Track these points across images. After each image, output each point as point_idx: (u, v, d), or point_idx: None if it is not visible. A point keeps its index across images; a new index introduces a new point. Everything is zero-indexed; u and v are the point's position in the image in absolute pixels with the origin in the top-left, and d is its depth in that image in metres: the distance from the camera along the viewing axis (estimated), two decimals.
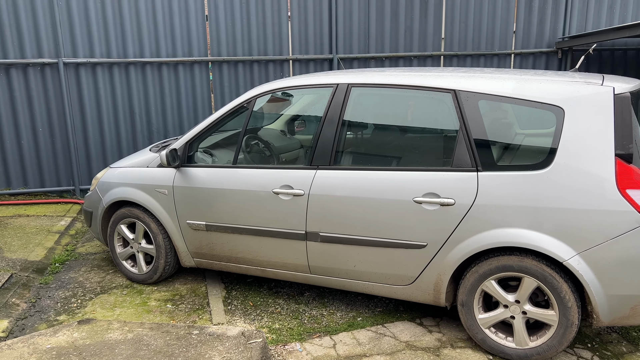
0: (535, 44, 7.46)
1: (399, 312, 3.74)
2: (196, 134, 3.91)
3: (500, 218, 2.97)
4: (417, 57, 7.26)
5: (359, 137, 3.66)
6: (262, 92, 3.79)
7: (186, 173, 3.90)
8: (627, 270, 2.77)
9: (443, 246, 3.14)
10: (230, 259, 3.91)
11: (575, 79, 3.04)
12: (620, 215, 2.74)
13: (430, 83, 3.27)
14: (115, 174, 4.31)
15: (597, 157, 2.81)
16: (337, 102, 3.50)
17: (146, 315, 3.76)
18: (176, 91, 6.87)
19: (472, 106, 3.11)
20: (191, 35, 6.75)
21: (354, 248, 3.40)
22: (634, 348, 3.26)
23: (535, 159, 2.95)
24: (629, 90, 2.92)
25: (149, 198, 4.06)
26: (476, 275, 3.09)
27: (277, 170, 3.62)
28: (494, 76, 3.21)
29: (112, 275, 4.51)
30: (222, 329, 3.22)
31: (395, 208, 3.23)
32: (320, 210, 3.44)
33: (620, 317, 2.89)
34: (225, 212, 3.76)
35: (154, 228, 4.10)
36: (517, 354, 3.08)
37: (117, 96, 6.72)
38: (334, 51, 7.03)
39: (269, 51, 6.96)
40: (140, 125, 6.87)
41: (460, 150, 3.11)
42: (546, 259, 2.93)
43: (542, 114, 2.99)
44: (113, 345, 3.02)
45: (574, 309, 2.90)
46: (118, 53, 6.62)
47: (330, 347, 3.29)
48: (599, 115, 2.83)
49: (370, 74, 3.56)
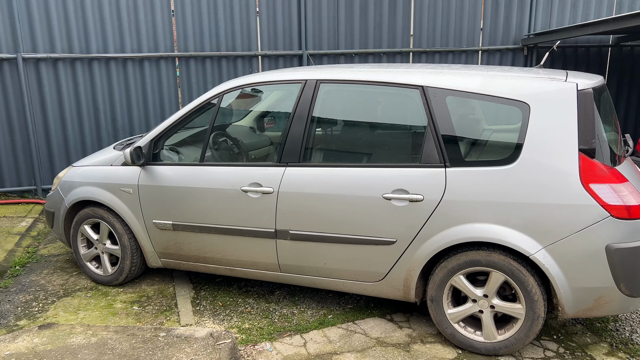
0: (501, 41, 7.56)
1: (369, 309, 3.74)
2: (162, 131, 3.81)
3: (468, 213, 2.99)
4: (387, 54, 7.28)
5: (328, 133, 3.63)
6: (229, 88, 3.72)
7: (152, 171, 3.80)
8: (590, 263, 2.83)
9: (412, 242, 3.14)
10: (198, 259, 3.83)
11: (540, 75, 3.08)
12: (584, 209, 2.79)
13: (398, 79, 3.27)
14: (78, 173, 4.18)
15: (562, 152, 2.85)
16: (305, 99, 3.46)
17: (111, 318, 3.65)
18: (142, 87, 6.70)
19: (439, 102, 3.12)
20: (157, 30, 6.59)
21: (324, 245, 3.38)
22: (598, 339, 3.33)
23: (502, 155, 2.98)
24: (592, 86, 2.97)
25: (113, 197, 3.94)
26: (445, 271, 3.11)
27: (246, 168, 3.56)
28: (461, 72, 3.23)
29: (76, 278, 4.37)
30: (189, 331, 3.15)
31: (364, 205, 3.21)
32: (290, 208, 3.40)
33: (584, 309, 2.95)
34: (192, 211, 3.68)
35: (118, 228, 3.98)
36: (486, 347, 3.11)
37: (80, 92, 6.52)
38: (304, 47, 6.98)
39: (238, 47, 6.86)
40: (105, 122, 6.68)
41: (428, 146, 3.11)
42: (513, 254, 2.97)
43: (509, 109, 3.02)
44: (75, 350, 2.92)
45: (540, 302, 2.95)
46: (80, 48, 6.41)
47: (301, 345, 3.26)
48: (563, 111, 2.88)
49: (339, 70, 3.53)
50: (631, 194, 2.81)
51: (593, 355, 3.14)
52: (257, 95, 4.58)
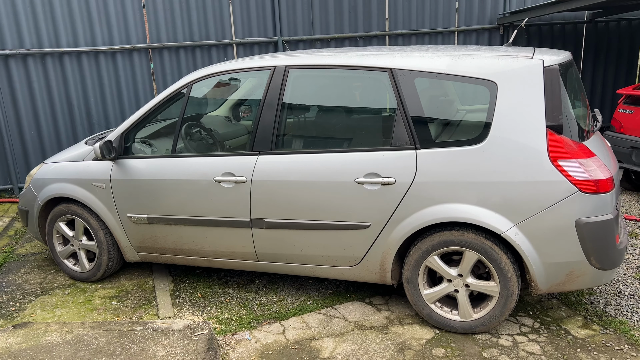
0: (477, 21, 7.55)
1: (349, 293, 3.75)
2: (132, 124, 3.76)
3: (440, 194, 3.00)
4: (363, 38, 7.23)
5: (299, 119, 3.60)
6: (198, 78, 3.67)
7: (123, 165, 3.75)
8: (561, 238, 2.85)
9: (386, 225, 3.15)
10: (175, 251, 3.81)
11: (507, 54, 3.07)
12: (553, 185, 2.81)
13: (367, 62, 3.24)
14: (50, 169, 4.11)
15: (529, 129, 2.86)
16: (275, 85, 3.43)
17: (89, 314, 3.63)
18: (115, 80, 6.60)
19: (408, 84, 3.11)
20: (128, 22, 6.47)
21: (300, 232, 3.37)
22: (573, 312, 3.38)
23: (471, 134, 2.98)
24: (558, 62, 2.98)
25: (86, 193, 3.89)
26: (419, 252, 3.12)
27: (218, 158, 3.53)
28: (429, 53, 3.21)
29: (53, 276, 4.32)
30: (167, 323, 3.14)
31: (338, 190, 3.21)
32: (264, 197, 3.39)
33: (557, 284, 2.98)
34: (166, 204, 3.65)
35: (94, 224, 3.94)
36: (462, 326, 3.14)
37: (52, 88, 6.40)
38: (279, 34, 6.91)
39: (211, 36, 6.77)
40: (80, 117, 6.58)
41: (398, 128, 3.11)
42: (485, 232, 2.98)
43: (477, 88, 3.01)
44: (51, 348, 2.90)
45: (513, 279, 2.97)
46: (50, 43, 6.28)
47: (280, 332, 3.27)
48: (530, 88, 2.88)
49: (307, 55, 3.49)
50: (599, 169, 2.83)
51: (568, 329, 3.18)
52: (231, 84, 4.52)
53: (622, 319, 3.25)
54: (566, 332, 3.15)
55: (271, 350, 3.08)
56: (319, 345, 3.12)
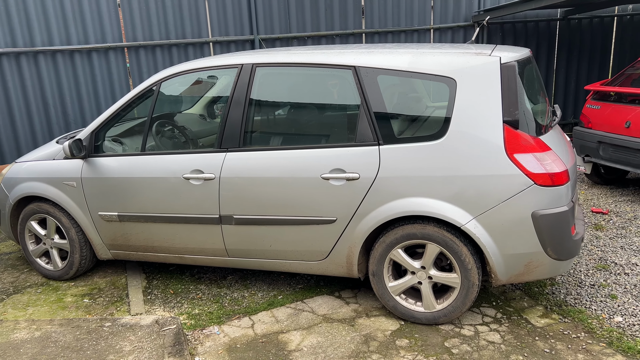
0: (452, 19, 7.65)
1: (319, 287, 3.82)
2: (102, 123, 3.78)
3: (402, 189, 3.07)
4: (339, 36, 7.29)
5: (266, 117, 3.65)
6: (167, 76, 3.70)
7: (94, 163, 3.77)
8: (518, 230, 2.94)
9: (351, 219, 3.22)
10: (147, 249, 3.84)
11: (466, 51, 3.15)
12: (510, 178, 2.89)
13: (331, 60, 3.30)
14: (22, 168, 4.12)
15: (487, 124, 2.94)
16: (242, 83, 3.48)
17: (61, 312, 3.65)
18: (91, 79, 6.58)
19: (371, 81, 3.17)
20: (103, 20, 6.45)
21: (268, 228, 3.43)
22: (535, 302, 3.48)
23: (432, 130, 3.06)
24: (516, 59, 3.06)
25: (57, 192, 3.90)
26: (384, 245, 3.19)
27: (187, 155, 3.57)
28: (392, 51, 3.28)
29: (26, 274, 4.33)
30: (135, 319, 3.18)
31: (304, 186, 3.26)
32: (232, 193, 3.43)
33: (516, 275, 3.07)
34: (136, 201, 3.68)
35: (65, 222, 3.96)
36: (426, 317, 3.22)
37: (27, 87, 6.36)
38: (255, 32, 6.94)
39: (188, 34, 6.78)
40: (56, 116, 6.55)
41: (362, 125, 3.17)
42: (446, 225, 3.06)
43: (437, 85, 3.09)
44: (18, 345, 2.92)
45: (474, 271, 3.06)
46: (24, 42, 6.24)
47: (249, 327, 3.32)
48: (487, 84, 2.96)
49: (274, 54, 3.54)
50: (554, 162, 2.92)
51: (528, 318, 3.28)
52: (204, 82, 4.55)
53: (580, 308, 3.35)
54: (526, 322, 3.24)
55: (239, 344, 3.14)
56: (286, 338, 3.17)
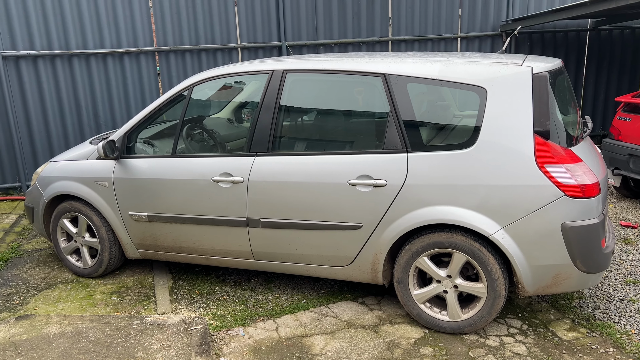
0: (480, 28, 7.62)
1: (342, 293, 3.83)
2: (134, 125, 3.87)
3: (430, 196, 3.07)
4: (366, 43, 7.33)
5: (295, 122, 3.70)
6: (198, 80, 3.78)
7: (126, 164, 3.86)
8: (547, 241, 2.92)
9: (377, 226, 3.23)
10: (174, 249, 3.91)
11: (497, 60, 3.15)
12: (540, 189, 2.88)
13: (361, 68, 3.33)
14: (56, 168, 4.24)
15: (517, 134, 2.93)
16: (273, 89, 3.53)
17: (90, 309, 3.74)
18: (123, 82, 6.75)
19: (401, 89, 3.19)
20: (135, 25, 6.62)
21: (294, 232, 3.46)
22: (562, 315, 3.43)
23: (461, 139, 3.06)
24: (547, 70, 3.05)
25: (89, 191, 4.01)
26: (410, 253, 3.20)
27: (217, 159, 3.63)
28: (422, 59, 3.29)
29: (57, 271, 4.44)
30: (163, 318, 3.24)
31: (331, 191, 3.29)
32: (260, 197, 3.48)
33: (544, 286, 3.04)
34: (166, 202, 3.76)
35: (96, 221, 4.06)
36: (451, 326, 3.21)
37: (61, 89, 6.55)
38: (283, 38, 7.03)
39: (217, 39, 6.90)
40: (87, 118, 6.73)
41: (390, 132, 3.19)
42: (474, 234, 3.05)
43: (467, 94, 3.09)
44: (50, 339, 3.01)
45: (500, 281, 3.04)
46: (60, 45, 6.44)
47: (273, 329, 3.36)
48: (519, 94, 2.95)
49: (305, 60, 3.59)
50: (585, 174, 2.90)
51: (555, 331, 3.24)
52: (233, 87, 4.63)
53: (609, 323, 3.30)
54: (553, 334, 3.20)
55: (263, 346, 3.17)
56: (310, 342, 3.20)
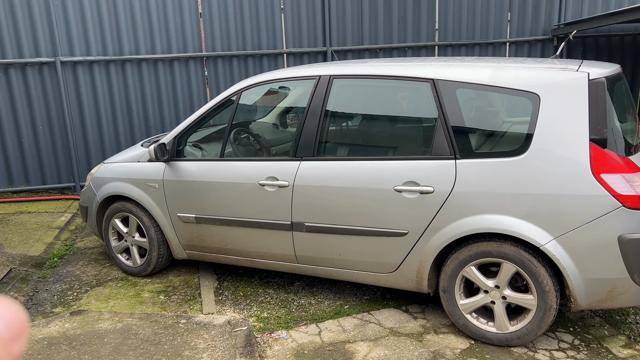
0: (530, 32, 7.42)
1: (385, 300, 3.80)
2: (184, 129, 3.98)
3: (479, 205, 3.01)
4: (411, 48, 7.27)
5: (341, 127, 3.70)
6: (247, 86, 3.84)
7: (175, 167, 3.97)
8: (603, 254, 2.80)
9: (423, 233, 3.19)
10: (220, 251, 3.98)
11: (551, 66, 3.06)
12: (595, 199, 2.77)
13: (409, 73, 3.31)
14: (109, 169, 4.40)
15: (572, 142, 2.83)
16: (319, 94, 3.55)
17: (139, 306, 3.85)
18: (172, 87, 6.94)
19: (450, 95, 3.15)
20: (185, 32, 6.81)
21: (338, 237, 3.46)
22: (616, 331, 3.29)
23: (512, 146, 2.98)
24: (605, 76, 2.94)
25: (140, 192, 4.14)
26: (456, 262, 3.14)
27: (263, 163, 3.68)
28: (472, 64, 3.24)
29: (108, 269, 4.61)
30: (209, 318, 3.30)
31: (376, 197, 3.27)
32: (305, 201, 3.50)
33: (598, 300, 2.92)
34: (213, 205, 3.83)
35: (146, 221, 4.18)
36: (498, 338, 3.13)
37: (114, 93, 6.81)
38: (328, 44, 7.06)
39: (263, 45, 7.01)
40: (138, 121, 6.96)
41: (438, 138, 3.15)
42: (524, 244, 2.97)
43: (519, 100, 3.02)
44: (102, 334, 3.12)
45: (552, 293, 2.94)
46: (114, 50, 6.70)
47: (316, 334, 3.36)
48: (574, 101, 2.86)
49: (351, 66, 3.59)
50: None
51: (609, 347, 3.10)
52: (279, 92, 4.69)
53: None
54: (607, 351, 3.07)
55: (306, 350, 3.18)
56: (353, 348, 3.18)
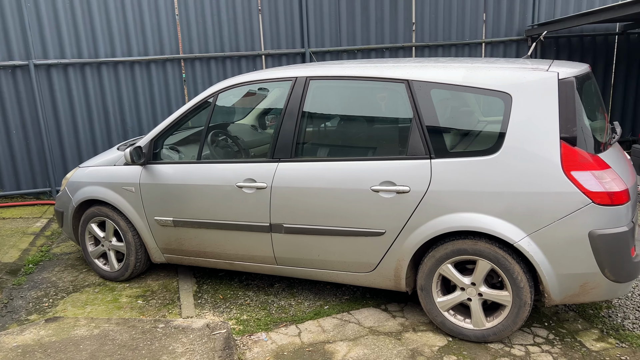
0: (505, 33, 7.54)
1: (365, 299, 3.82)
2: (160, 131, 3.94)
3: (454, 203, 3.05)
4: (389, 49, 7.32)
5: (318, 128, 3.72)
6: (223, 88, 3.83)
7: (152, 170, 3.94)
8: (575, 250, 2.86)
9: (401, 233, 3.22)
10: (199, 254, 3.96)
11: (523, 66, 3.12)
12: (566, 196, 2.83)
13: (384, 74, 3.34)
14: (84, 173, 4.34)
15: (544, 140, 2.89)
16: (296, 95, 3.56)
17: (117, 312, 3.81)
18: (149, 89, 6.88)
19: (424, 95, 3.18)
20: (162, 33, 6.75)
21: (317, 238, 3.47)
22: (589, 325, 3.36)
23: (485, 145, 3.03)
24: (574, 75, 3.00)
25: (116, 196, 4.09)
26: (433, 260, 3.18)
27: (241, 164, 3.67)
28: (445, 65, 3.28)
29: (85, 274, 4.54)
30: (187, 322, 3.28)
31: (354, 197, 3.29)
32: (283, 202, 3.50)
33: (571, 295, 2.98)
34: (191, 208, 3.81)
35: (123, 226, 4.14)
36: (475, 334, 3.17)
37: (90, 96, 6.72)
38: (306, 45, 7.07)
39: (241, 47, 6.99)
40: (115, 124, 6.88)
41: (414, 138, 3.18)
42: (498, 242, 3.02)
43: (492, 100, 3.07)
44: (78, 341, 3.07)
45: (526, 289, 2.99)
46: (89, 53, 6.61)
47: (296, 335, 3.37)
48: (545, 100, 2.92)
49: (328, 67, 3.61)
50: (613, 181, 2.84)
51: (583, 341, 3.17)
52: (257, 94, 4.68)
53: (639, 333, 3.21)
54: (581, 345, 3.14)
55: (286, 351, 3.18)
56: (333, 348, 3.20)
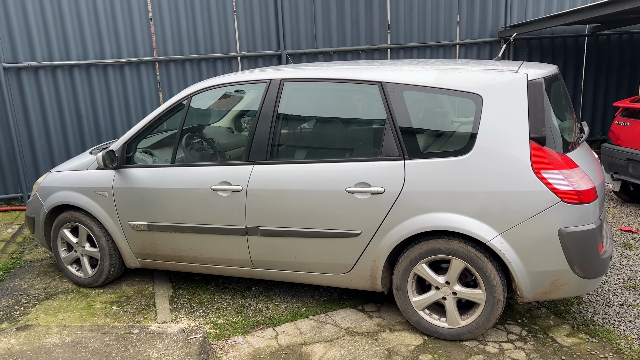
0: (478, 34, 7.66)
1: (342, 300, 3.83)
2: (133, 135, 3.90)
3: (427, 203, 3.08)
4: (365, 51, 7.37)
5: (293, 130, 3.72)
6: (197, 90, 3.81)
7: (125, 174, 3.88)
8: (545, 247, 2.92)
9: (376, 233, 3.24)
10: (174, 258, 3.92)
11: (493, 67, 3.17)
12: (536, 195, 2.89)
13: (358, 76, 3.36)
14: (56, 178, 4.26)
15: (513, 141, 2.94)
16: (270, 97, 3.56)
17: (90, 318, 3.74)
18: (123, 92, 6.79)
19: (397, 97, 3.21)
20: (136, 36, 6.67)
21: (293, 240, 3.47)
22: (561, 321, 3.43)
23: (458, 145, 3.07)
24: (543, 76, 3.07)
25: (89, 201, 4.03)
26: (408, 260, 3.20)
27: (215, 167, 3.65)
28: (418, 67, 3.32)
29: (58, 281, 4.46)
30: (162, 327, 3.25)
31: (329, 199, 3.30)
32: (259, 205, 3.49)
33: (542, 292, 3.04)
34: (165, 212, 3.77)
35: (96, 231, 4.07)
36: (450, 333, 3.21)
37: (62, 99, 6.60)
38: (282, 47, 7.07)
39: (217, 49, 6.95)
40: (88, 128, 6.76)
41: (387, 140, 3.21)
42: (471, 241, 3.06)
43: (463, 101, 3.11)
44: (50, 349, 3.02)
45: (499, 287, 3.04)
46: (61, 56, 6.49)
47: (273, 338, 3.36)
48: (514, 101, 2.97)
49: (302, 69, 3.62)
50: (581, 180, 2.91)
51: (554, 337, 3.24)
52: (232, 96, 4.66)
53: (608, 328, 3.30)
54: (553, 340, 3.20)
55: (263, 354, 3.17)
56: (310, 350, 3.20)
